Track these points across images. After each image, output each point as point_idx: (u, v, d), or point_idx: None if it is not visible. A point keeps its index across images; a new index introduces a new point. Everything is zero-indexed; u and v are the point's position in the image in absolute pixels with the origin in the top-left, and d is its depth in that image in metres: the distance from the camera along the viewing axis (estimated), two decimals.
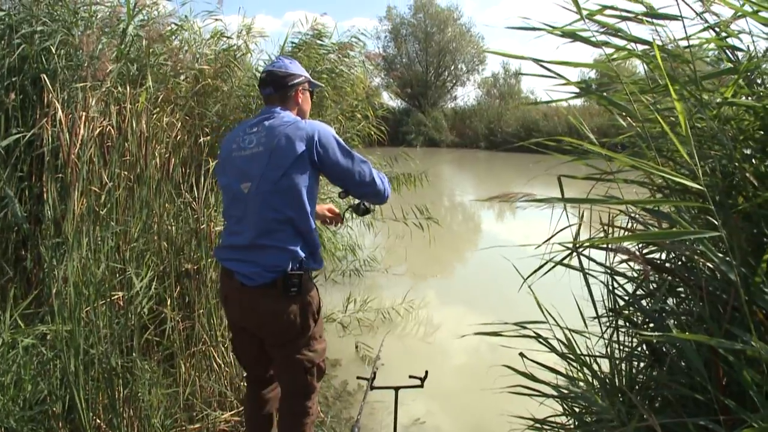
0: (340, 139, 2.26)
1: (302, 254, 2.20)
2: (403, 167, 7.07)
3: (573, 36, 1.83)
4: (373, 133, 6.51)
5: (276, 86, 2.37)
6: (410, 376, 3.00)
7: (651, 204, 1.44)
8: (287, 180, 2.15)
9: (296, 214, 2.19)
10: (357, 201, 2.61)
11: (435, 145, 37.78)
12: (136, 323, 2.84)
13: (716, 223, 1.26)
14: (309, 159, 2.18)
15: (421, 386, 2.98)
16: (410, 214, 6.66)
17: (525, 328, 1.89)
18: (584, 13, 2.02)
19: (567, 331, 1.84)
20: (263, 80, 2.40)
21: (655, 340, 1.61)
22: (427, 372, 2.99)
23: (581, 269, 1.87)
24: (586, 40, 1.82)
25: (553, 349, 1.84)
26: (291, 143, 2.16)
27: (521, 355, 1.91)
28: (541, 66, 1.78)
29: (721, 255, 1.30)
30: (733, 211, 1.45)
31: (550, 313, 1.93)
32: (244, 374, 2.67)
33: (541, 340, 1.85)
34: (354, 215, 2.81)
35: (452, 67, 45.47)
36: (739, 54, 2.06)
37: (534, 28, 1.84)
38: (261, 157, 2.19)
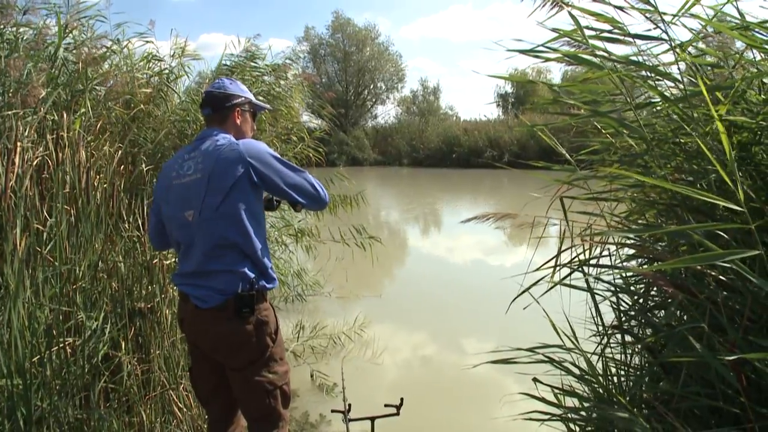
0: (277, 154, 2.25)
1: (252, 275, 2.17)
2: (339, 188, 7.01)
3: (575, 59, 1.82)
4: (312, 154, 6.42)
5: (214, 107, 2.35)
6: (385, 405, 2.92)
7: (687, 229, 1.43)
8: (227, 205, 2.13)
9: (241, 239, 2.15)
10: (270, 197, 2.55)
11: (358, 164, 37.93)
12: (90, 370, 2.61)
13: (742, 242, 1.26)
14: (248, 180, 2.16)
15: (397, 414, 2.90)
16: (348, 235, 6.61)
17: (536, 352, 1.84)
18: (559, 33, 2.03)
19: (578, 353, 1.81)
20: (202, 101, 2.40)
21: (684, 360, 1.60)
22: (402, 399, 2.92)
23: (588, 289, 1.86)
24: (589, 63, 1.81)
25: (567, 371, 1.80)
26: (228, 167, 2.14)
27: (534, 380, 1.85)
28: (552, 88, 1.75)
29: (753, 273, 1.31)
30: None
31: (565, 334, 1.90)
32: (206, 417, 2.53)
33: (555, 364, 1.81)
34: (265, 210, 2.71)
35: (372, 86, 46.03)
36: (708, 70, 2.14)
37: (527, 51, 1.82)
38: (200, 184, 2.16)
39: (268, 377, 2.22)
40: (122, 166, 3.55)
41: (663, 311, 1.86)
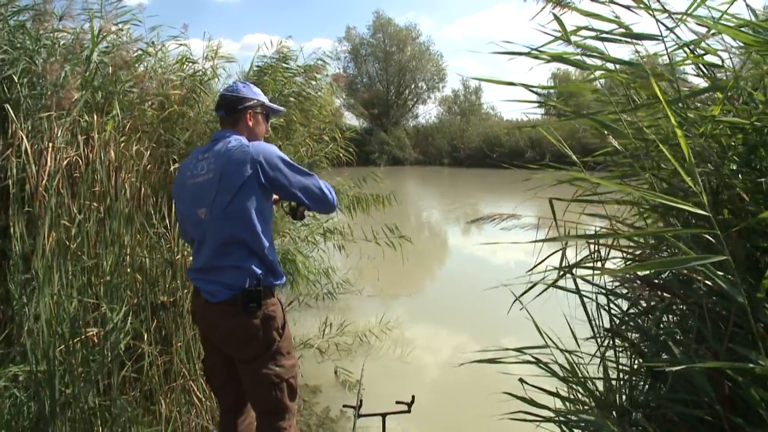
0: (286, 157, 2.31)
1: (259, 271, 2.24)
2: (371, 188, 7.05)
3: (560, 59, 1.83)
4: (342, 154, 6.49)
5: (227, 109, 2.44)
6: (397, 402, 2.96)
7: (656, 233, 1.43)
8: (236, 204, 2.21)
9: (248, 237, 2.23)
10: (294, 204, 2.60)
11: (399, 163, 38.03)
12: (112, 360, 2.74)
13: (718, 246, 1.26)
14: (257, 181, 2.22)
15: (408, 411, 2.94)
16: (380, 234, 6.64)
17: (524, 353, 1.87)
18: (559, 34, 2.04)
19: (567, 355, 1.82)
20: (217, 103, 2.50)
21: (664, 367, 1.60)
22: (413, 397, 2.95)
23: (577, 291, 1.87)
24: (573, 63, 1.82)
25: (553, 373, 1.82)
26: (237, 168, 2.21)
27: (521, 380, 1.88)
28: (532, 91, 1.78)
29: (726, 277, 1.31)
30: (732, 230, 1.47)
31: (549, 337, 1.91)
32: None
33: (541, 365, 1.83)
34: (291, 219, 2.77)
35: (413, 86, 46.03)
36: (715, 70, 2.11)
37: (520, 53, 1.84)
38: (211, 184, 2.25)
39: (275, 370, 2.30)
40: (149, 165, 3.68)
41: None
